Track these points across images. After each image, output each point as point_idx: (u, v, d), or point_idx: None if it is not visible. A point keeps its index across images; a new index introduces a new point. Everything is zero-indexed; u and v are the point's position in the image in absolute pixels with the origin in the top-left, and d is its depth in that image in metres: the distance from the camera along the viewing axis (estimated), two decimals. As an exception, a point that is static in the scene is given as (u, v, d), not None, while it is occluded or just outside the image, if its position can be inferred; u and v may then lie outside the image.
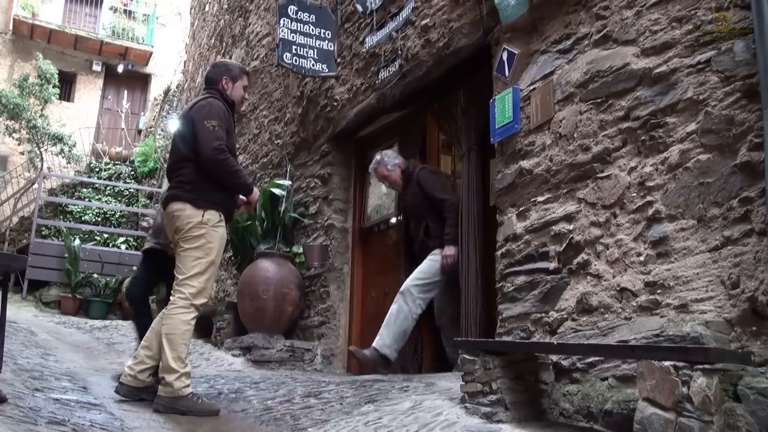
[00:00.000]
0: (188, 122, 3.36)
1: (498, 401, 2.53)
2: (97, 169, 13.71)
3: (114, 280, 9.13)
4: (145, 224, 5.33)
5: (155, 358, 3.31)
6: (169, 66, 15.84)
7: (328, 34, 5.38)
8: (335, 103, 5.41)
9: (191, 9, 11.83)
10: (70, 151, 12.33)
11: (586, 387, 2.61)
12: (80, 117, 15.53)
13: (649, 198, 2.63)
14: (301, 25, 5.29)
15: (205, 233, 3.28)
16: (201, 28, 10.40)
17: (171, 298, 3.28)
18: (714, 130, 2.42)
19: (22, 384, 3.23)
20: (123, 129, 15.72)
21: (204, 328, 6.18)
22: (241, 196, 3.56)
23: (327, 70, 5.33)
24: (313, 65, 5.27)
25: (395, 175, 4.49)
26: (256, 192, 3.59)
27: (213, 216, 3.32)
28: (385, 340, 3.98)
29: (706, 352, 1.94)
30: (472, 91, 4.21)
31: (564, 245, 3.00)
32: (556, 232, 3.05)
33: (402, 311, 4.01)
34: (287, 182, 5.90)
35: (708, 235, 2.39)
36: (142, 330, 4.03)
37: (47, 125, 12.59)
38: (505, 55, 3.58)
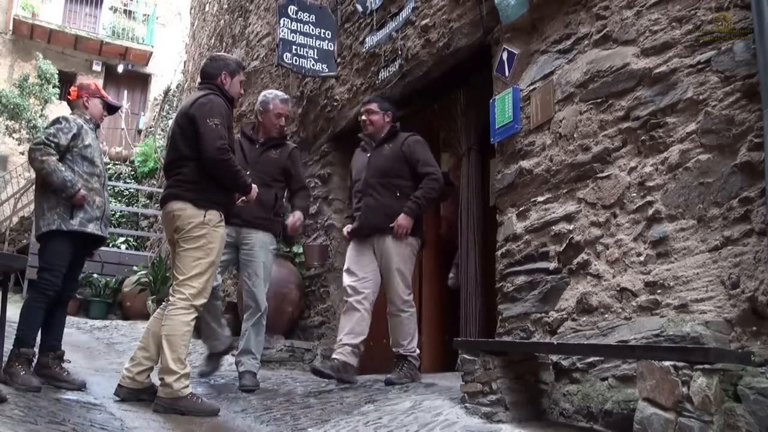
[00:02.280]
0: (189, 120, 3.30)
1: (498, 401, 2.53)
2: (97, 169, 13.68)
3: (114, 280, 9.11)
4: (79, 190, 3.46)
5: (153, 359, 3.30)
6: (169, 66, 15.84)
7: (328, 34, 5.37)
8: (335, 103, 5.41)
9: (191, 9, 11.82)
10: (70, 151, 12.31)
11: (586, 387, 2.61)
12: (80, 117, 15.51)
13: (649, 198, 2.63)
14: (301, 25, 5.28)
15: (206, 233, 3.26)
16: (201, 28, 10.40)
17: (170, 298, 3.27)
18: (714, 130, 2.42)
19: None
20: (123, 129, 15.71)
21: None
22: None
23: (327, 70, 5.32)
24: (313, 65, 5.26)
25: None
26: (254, 189, 3.58)
27: (214, 216, 3.31)
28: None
29: (706, 352, 1.94)
30: (472, 91, 4.21)
31: (564, 245, 3.00)
32: (556, 232, 3.05)
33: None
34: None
35: (708, 235, 2.39)
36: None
37: (47, 125, 12.58)
38: (505, 55, 3.58)
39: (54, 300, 3.43)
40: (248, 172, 3.89)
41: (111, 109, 3.92)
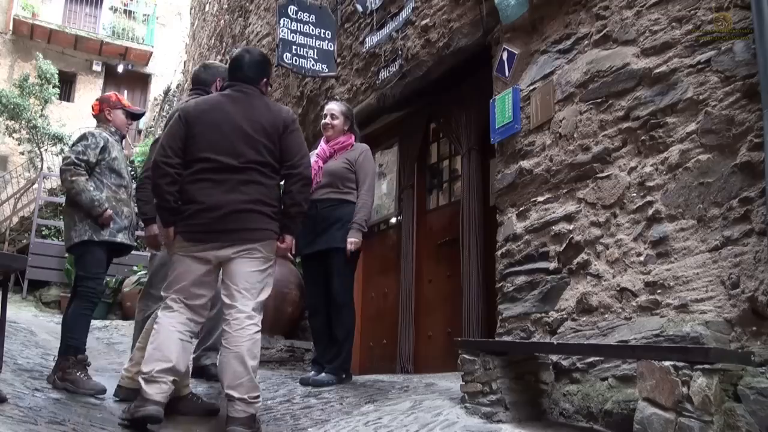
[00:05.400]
0: None
1: (498, 401, 2.54)
2: (97, 169, 13.69)
3: (114, 280, 9.11)
4: (105, 210, 3.57)
5: None
6: (169, 66, 15.85)
7: (328, 34, 5.37)
8: (335, 103, 5.41)
9: (191, 9, 11.83)
10: (70, 151, 12.33)
11: (586, 387, 2.61)
12: (80, 117, 15.48)
13: (649, 198, 2.63)
14: (301, 25, 5.28)
15: None
16: (201, 28, 10.40)
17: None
18: (714, 130, 2.42)
19: (22, 384, 3.23)
20: (123, 129, 15.69)
21: (204, 328, 6.17)
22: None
23: (327, 70, 5.32)
24: (313, 65, 5.26)
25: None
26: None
27: None
28: None
29: (706, 352, 1.94)
30: (472, 91, 4.21)
31: (564, 245, 3.00)
32: (556, 232, 3.05)
33: None
34: (287, 182, 5.89)
35: (708, 235, 2.39)
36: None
37: (47, 125, 12.59)
38: (505, 55, 3.58)
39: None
40: None
41: (134, 116, 4.03)
